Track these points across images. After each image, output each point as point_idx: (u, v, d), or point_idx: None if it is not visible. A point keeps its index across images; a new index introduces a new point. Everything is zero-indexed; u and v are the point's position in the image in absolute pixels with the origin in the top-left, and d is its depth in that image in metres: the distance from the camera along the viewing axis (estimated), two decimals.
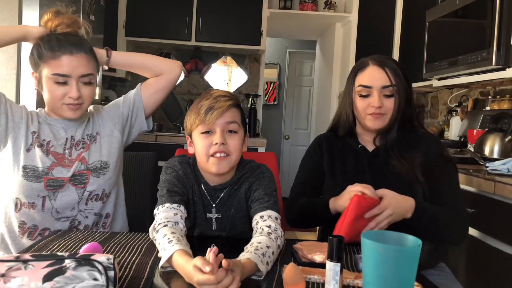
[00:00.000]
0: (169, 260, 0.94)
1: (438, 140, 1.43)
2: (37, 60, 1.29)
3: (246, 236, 1.15)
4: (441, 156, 1.33)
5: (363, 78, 1.32)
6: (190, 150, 1.23)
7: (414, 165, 1.29)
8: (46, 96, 1.32)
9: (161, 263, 0.96)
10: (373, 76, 1.30)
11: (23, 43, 2.08)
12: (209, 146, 1.15)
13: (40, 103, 1.39)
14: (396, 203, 1.15)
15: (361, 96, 1.32)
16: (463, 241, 1.34)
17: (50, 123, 1.37)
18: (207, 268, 0.81)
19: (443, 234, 1.27)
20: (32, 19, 2.07)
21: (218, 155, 1.14)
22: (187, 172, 1.22)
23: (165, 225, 1.06)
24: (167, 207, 1.12)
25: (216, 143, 1.13)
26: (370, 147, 1.39)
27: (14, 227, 1.32)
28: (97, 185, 1.35)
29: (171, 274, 0.95)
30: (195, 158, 1.24)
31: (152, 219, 1.14)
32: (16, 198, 1.30)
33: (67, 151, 1.34)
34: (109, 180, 1.38)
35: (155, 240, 1.05)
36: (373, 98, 1.30)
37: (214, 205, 1.21)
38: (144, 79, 1.51)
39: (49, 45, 1.27)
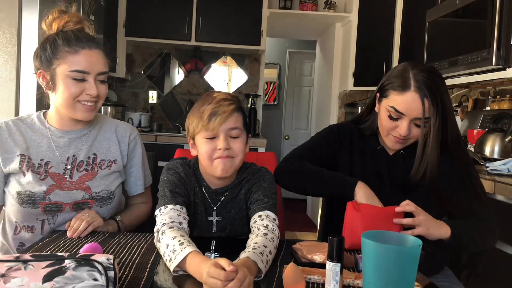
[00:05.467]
0: (181, 262, 0.93)
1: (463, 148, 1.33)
2: (50, 57, 1.22)
3: (245, 234, 1.15)
4: (462, 167, 1.27)
5: (398, 102, 1.21)
6: (193, 153, 1.22)
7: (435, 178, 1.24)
8: (59, 95, 1.23)
9: (173, 265, 0.93)
10: (410, 105, 1.19)
11: (23, 43, 2.09)
12: (213, 150, 1.15)
13: (40, 104, 1.35)
14: (430, 225, 1.15)
15: (390, 117, 1.24)
16: (494, 246, 1.33)
17: (52, 134, 1.30)
18: (231, 267, 0.82)
19: (478, 247, 1.26)
20: (32, 19, 2.07)
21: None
22: (189, 174, 1.21)
23: (171, 227, 1.05)
24: (170, 208, 1.11)
25: (220, 149, 1.14)
26: (391, 150, 1.35)
27: (12, 249, 1.29)
28: (100, 213, 1.28)
29: (171, 275, 0.94)
30: (196, 160, 1.24)
31: (152, 218, 1.14)
32: (15, 221, 1.27)
33: (68, 172, 1.28)
34: (112, 208, 1.34)
35: (160, 242, 1.02)
36: (402, 125, 1.22)
37: (215, 208, 1.21)
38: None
39: (66, 41, 1.22)
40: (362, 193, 1.22)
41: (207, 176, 1.21)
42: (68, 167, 1.28)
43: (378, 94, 1.31)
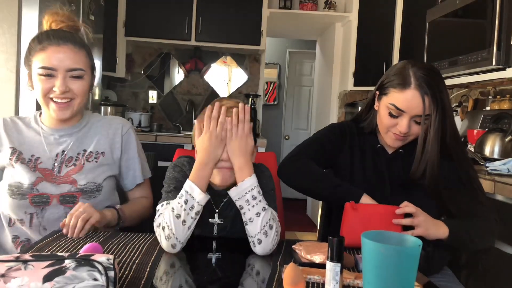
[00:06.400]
0: (195, 189, 1.07)
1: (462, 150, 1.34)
2: (28, 56, 1.27)
3: (245, 235, 1.16)
4: (460, 166, 1.27)
5: (399, 99, 1.21)
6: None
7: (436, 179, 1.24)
8: (36, 93, 1.28)
9: (199, 198, 1.07)
10: (411, 102, 1.19)
11: (22, 43, 2.09)
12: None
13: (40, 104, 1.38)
14: (429, 226, 1.16)
15: (390, 114, 1.24)
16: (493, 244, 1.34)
17: (44, 132, 1.33)
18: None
19: (477, 246, 1.28)
20: (32, 19, 2.07)
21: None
22: None
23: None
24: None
25: (222, 160, 1.15)
26: (390, 149, 1.35)
27: (8, 241, 1.31)
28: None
29: (171, 274, 0.94)
30: None
31: (152, 219, 1.14)
32: (7, 214, 1.30)
33: (56, 167, 1.30)
34: (100, 202, 1.32)
35: (166, 221, 1.06)
36: (402, 123, 1.22)
37: (217, 210, 1.22)
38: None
39: (38, 39, 1.26)
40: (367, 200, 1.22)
41: (211, 178, 1.21)
42: (56, 164, 1.31)
43: (377, 92, 1.31)
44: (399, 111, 1.22)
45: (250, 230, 1.08)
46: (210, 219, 1.21)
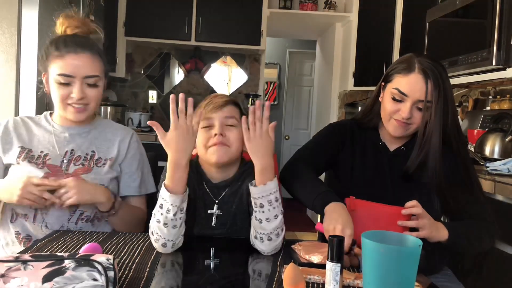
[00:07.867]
0: (168, 192, 1.05)
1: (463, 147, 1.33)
2: (45, 61, 1.31)
3: (246, 232, 1.16)
4: (461, 162, 1.27)
5: (402, 83, 1.23)
6: (194, 151, 1.23)
7: (436, 176, 1.23)
8: (52, 96, 1.31)
9: (168, 198, 1.04)
10: (414, 86, 1.21)
11: (23, 43, 2.09)
12: (208, 138, 1.18)
13: (40, 104, 1.37)
14: (432, 229, 1.15)
15: (393, 99, 1.25)
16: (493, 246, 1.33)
17: (55, 130, 1.35)
18: None
19: (476, 248, 1.27)
20: (32, 19, 2.07)
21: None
22: (190, 171, 1.22)
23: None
24: None
25: (215, 134, 1.16)
26: (391, 146, 1.35)
27: (11, 236, 1.32)
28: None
29: (170, 274, 0.94)
30: (198, 158, 1.26)
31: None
32: (12, 209, 1.30)
33: (64, 164, 1.32)
34: None
35: (154, 234, 1.07)
36: (404, 107, 1.23)
37: (216, 201, 1.22)
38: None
39: (55, 45, 1.29)
40: (327, 216, 1.11)
41: (209, 170, 1.23)
42: (65, 161, 1.32)
43: (382, 84, 1.32)
44: (402, 95, 1.23)
45: (265, 227, 1.08)
46: (209, 210, 1.21)
